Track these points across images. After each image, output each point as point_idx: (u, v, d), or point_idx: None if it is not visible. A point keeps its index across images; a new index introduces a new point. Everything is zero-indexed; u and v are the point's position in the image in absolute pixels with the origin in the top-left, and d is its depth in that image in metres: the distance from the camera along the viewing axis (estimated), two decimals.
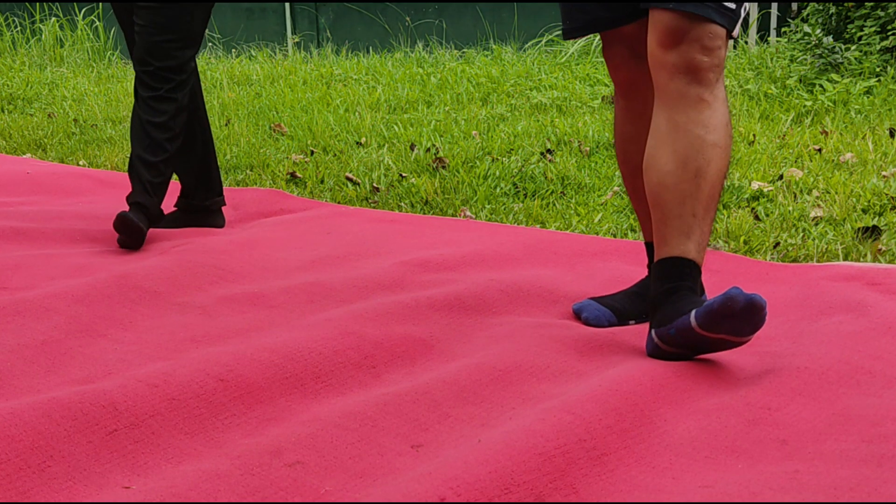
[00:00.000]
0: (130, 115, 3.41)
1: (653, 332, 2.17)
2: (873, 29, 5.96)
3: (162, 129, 3.30)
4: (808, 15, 6.54)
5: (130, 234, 3.19)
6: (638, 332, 2.37)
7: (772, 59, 6.35)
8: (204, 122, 3.53)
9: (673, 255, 2.16)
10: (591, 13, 2.37)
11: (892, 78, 5.58)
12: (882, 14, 6.01)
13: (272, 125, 5.70)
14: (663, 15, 2.18)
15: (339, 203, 4.07)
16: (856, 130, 4.73)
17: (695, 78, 2.16)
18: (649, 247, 2.46)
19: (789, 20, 6.91)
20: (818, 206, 3.55)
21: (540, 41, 7.97)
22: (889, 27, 5.93)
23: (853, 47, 5.94)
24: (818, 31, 5.90)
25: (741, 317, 2.02)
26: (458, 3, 8.96)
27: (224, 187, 4.05)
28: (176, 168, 3.47)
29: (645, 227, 2.48)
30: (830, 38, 5.86)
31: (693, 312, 2.07)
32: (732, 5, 2.17)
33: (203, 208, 3.57)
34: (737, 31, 2.22)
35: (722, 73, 2.19)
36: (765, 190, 3.76)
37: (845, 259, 3.03)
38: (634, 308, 2.47)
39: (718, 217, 3.46)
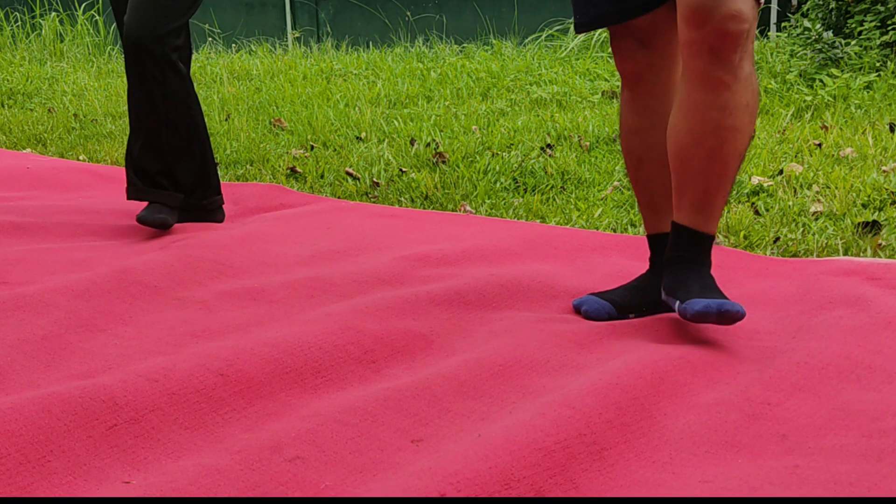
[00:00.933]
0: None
1: (662, 288, 2.33)
2: (873, 24, 5.96)
3: (151, 116, 3.30)
4: (808, 10, 6.54)
5: (162, 227, 3.29)
6: (638, 326, 2.37)
7: (772, 54, 6.35)
8: (199, 122, 3.51)
9: (684, 224, 2.28)
10: (599, 7, 2.37)
11: (892, 73, 5.58)
12: (882, 9, 6.01)
13: (272, 120, 5.69)
14: None
15: (339, 198, 4.07)
16: (856, 125, 4.73)
17: (717, 58, 2.15)
18: (651, 240, 2.48)
19: (789, 15, 6.91)
20: (818, 200, 3.55)
21: (540, 36, 7.97)
22: (889, 22, 5.93)
23: (853, 42, 5.93)
24: (818, 25, 5.89)
25: (717, 322, 2.19)
26: None
27: (224, 182, 4.05)
28: (174, 164, 3.46)
29: (646, 218, 2.49)
30: (830, 33, 5.85)
31: (677, 304, 2.25)
32: None
33: (201, 207, 3.57)
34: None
35: (748, 52, 2.17)
36: (765, 185, 3.76)
37: (845, 254, 3.03)
38: (635, 301, 2.48)
39: None
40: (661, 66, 2.37)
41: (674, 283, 2.29)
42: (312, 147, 5.01)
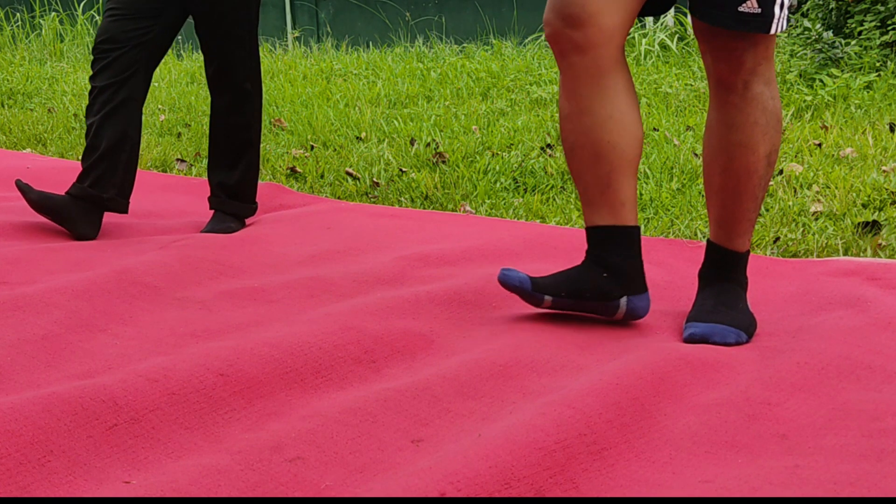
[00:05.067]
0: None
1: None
2: (873, 24, 5.96)
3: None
4: (808, 10, 6.54)
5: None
6: (638, 327, 2.37)
7: None
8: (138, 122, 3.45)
9: (712, 240, 2.38)
10: None
11: (892, 73, 5.58)
12: (882, 9, 6.01)
13: (272, 120, 5.69)
14: (694, 21, 2.25)
15: (338, 198, 4.07)
16: (856, 125, 4.73)
17: (720, 83, 2.26)
18: (587, 232, 2.36)
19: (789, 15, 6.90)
20: (818, 200, 3.55)
21: (540, 36, 7.97)
22: (889, 22, 5.93)
23: (853, 42, 5.93)
24: (818, 25, 5.89)
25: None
26: None
27: None
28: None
29: (584, 210, 2.36)
30: (830, 33, 5.85)
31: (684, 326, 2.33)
32: (755, 10, 2.15)
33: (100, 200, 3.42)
34: (778, 27, 2.19)
35: (757, 74, 2.23)
36: None
37: (845, 254, 3.03)
38: (554, 285, 2.34)
39: None
40: (586, 48, 2.19)
41: (697, 297, 2.38)
42: (312, 147, 5.01)
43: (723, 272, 2.38)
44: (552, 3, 2.22)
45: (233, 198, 3.45)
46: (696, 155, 4.24)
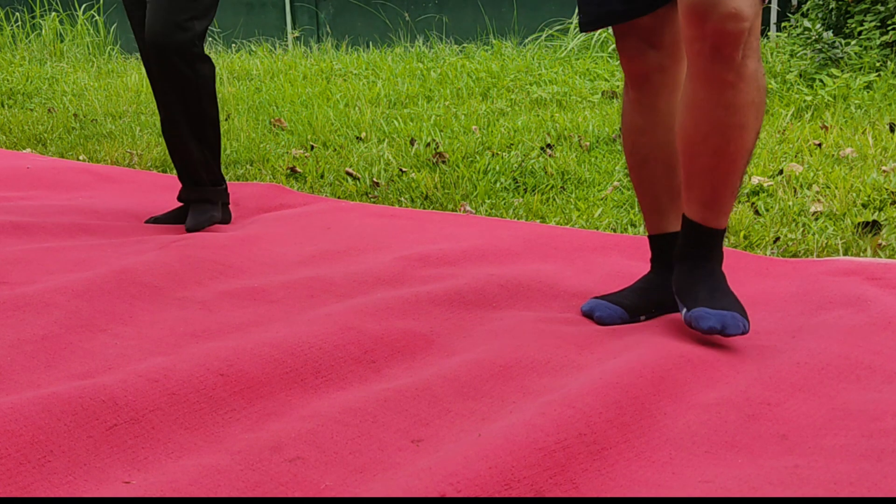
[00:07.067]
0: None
1: (673, 285, 2.33)
2: (873, 24, 5.96)
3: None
4: (808, 10, 6.54)
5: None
6: (639, 326, 2.37)
7: (772, 54, 6.35)
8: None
9: (694, 220, 2.27)
10: (606, 6, 2.34)
11: (892, 73, 5.58)
12: (882, 9, 6.01)
13: (272, 120, 5.69)
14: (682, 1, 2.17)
15: (339, 198, 4.07)
16: (856, 125, 4.73)
17: (718, 57, 2.13)
18: (653, 240, 2.47)
19: (789, 15, 6.91)
20: (818, 200, 3.55)
21: (540, 36, 7.97)
22: (889, 22, 5.93)
23: (853, 42, 5.93)
24: (818, 25, 5.89)
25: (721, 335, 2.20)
26: None
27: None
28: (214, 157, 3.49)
29: (648, 219, 2.48)
30: (830, 33, 5.85)
31: (684, 311, 2.26)
32: None
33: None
34: None
35: (751, 49, 2.14)
36: (765, 185, 3.76)
37: (845, 254, 3.03)
38: (643, 303, 2.46)
39: None
40: (669, 65, 2.34)
41: (683, 284, 2.30)
42: (312, 147, 5.01)
43: (705, 250, 2.30)
44: (628, 31, 2.33)
45: (198, 184, 3.43)
46: None
